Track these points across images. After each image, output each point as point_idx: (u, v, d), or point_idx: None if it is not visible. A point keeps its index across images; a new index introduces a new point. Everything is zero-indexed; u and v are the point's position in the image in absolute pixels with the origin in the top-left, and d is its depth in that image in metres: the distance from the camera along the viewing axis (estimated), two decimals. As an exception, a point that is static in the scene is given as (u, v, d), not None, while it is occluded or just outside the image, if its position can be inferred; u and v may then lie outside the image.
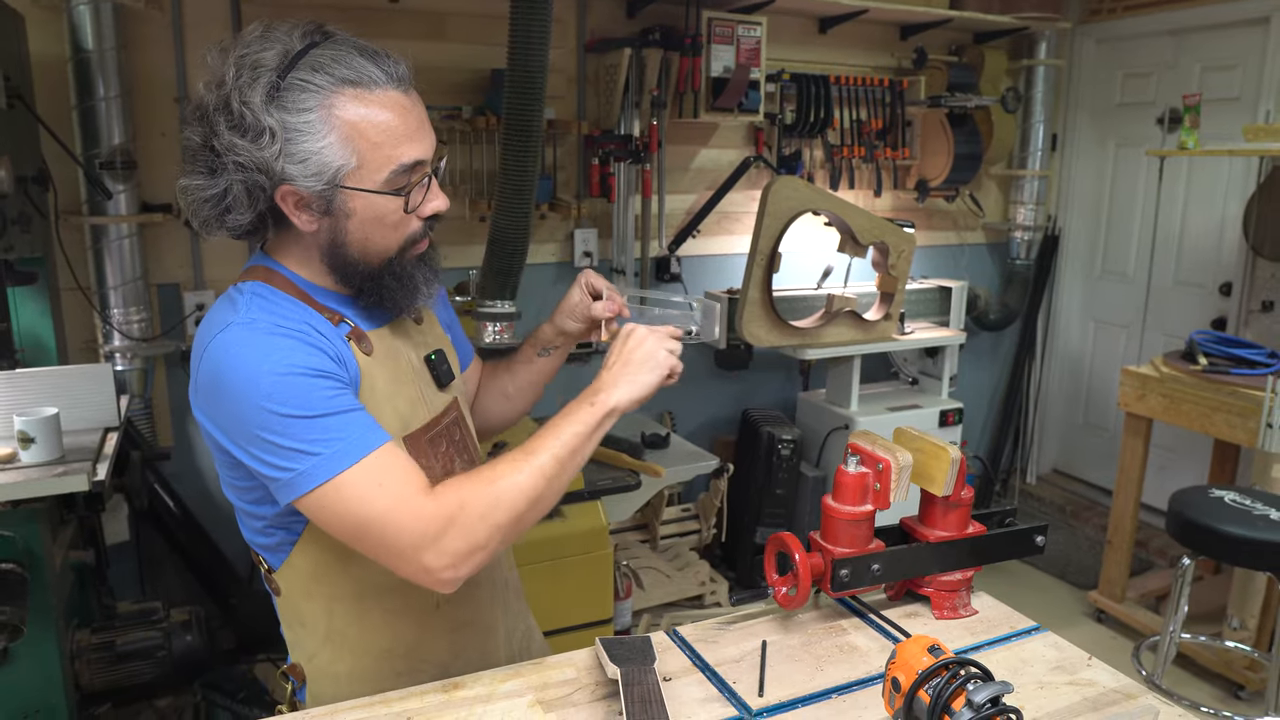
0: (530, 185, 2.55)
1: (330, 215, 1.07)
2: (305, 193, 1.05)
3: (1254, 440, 2.80)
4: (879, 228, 3.28)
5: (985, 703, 0.92)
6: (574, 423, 1.09)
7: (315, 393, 1.01)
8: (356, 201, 1.06)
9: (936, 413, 3.51)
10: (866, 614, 1.32)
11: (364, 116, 1.03)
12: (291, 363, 1.01)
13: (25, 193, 2.08)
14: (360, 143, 1.04)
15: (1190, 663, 3.07)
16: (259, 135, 1.01)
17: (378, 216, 1.08)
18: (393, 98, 1.05)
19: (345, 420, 1.02)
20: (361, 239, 1.09)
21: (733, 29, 3.17)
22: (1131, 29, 3.96)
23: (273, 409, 0.99)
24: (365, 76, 1.03)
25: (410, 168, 1.07)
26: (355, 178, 1.05)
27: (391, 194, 1.07)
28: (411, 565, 1.01)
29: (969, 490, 1.33)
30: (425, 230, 1.14)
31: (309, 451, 0.99)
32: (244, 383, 1.00)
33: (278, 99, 1.01)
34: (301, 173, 1.03)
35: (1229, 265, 3.67)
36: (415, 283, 1.14)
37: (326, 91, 1.02)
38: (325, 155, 1.03)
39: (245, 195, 1.04)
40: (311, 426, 1.00)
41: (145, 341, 2.67)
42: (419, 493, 1.01)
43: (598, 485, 2.59)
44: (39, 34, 2.47)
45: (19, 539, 1.90)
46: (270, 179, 1.03)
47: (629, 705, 1.03)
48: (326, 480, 1.00)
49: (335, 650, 1.21)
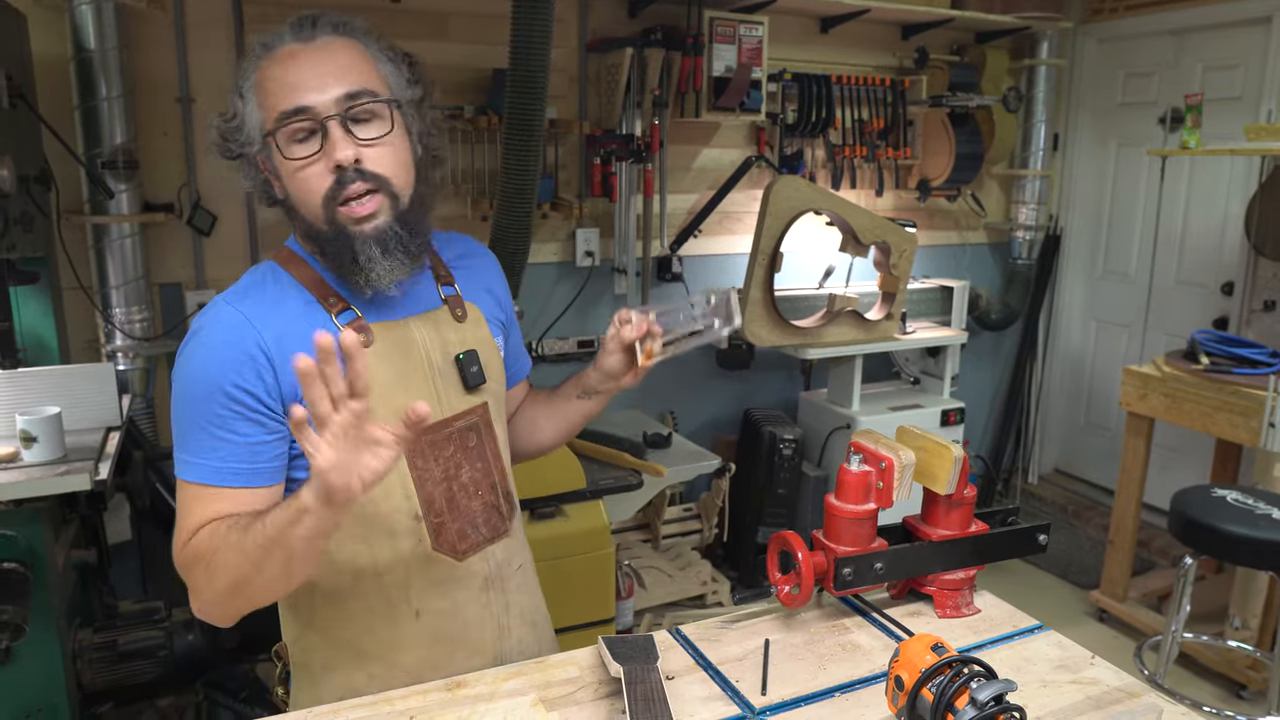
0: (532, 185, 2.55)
1: (278, 177, 1.13)
2: (260, 157, 1.13)
3: (1256, 440, 2.79)
4: (880, 227, 3.28)
5: (989, 701, 0.91)
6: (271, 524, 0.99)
7: (214, 406, 1.08)
8: (275, 157, 1.11)
9: (938, 412, 3.51)
10: (869, 613, 1.32)
11: (266, 73, 1.10)
12: (217, 373, 1.08)
13: (27, 192, 2.09)
14: (262, 96, 1.10)
15: (1192, 662, 3.07)
16: (234, 114, 1.13)
17: (285, 170, 1.11)
18: (288, 50, 1.10)
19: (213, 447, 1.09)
20: (295, 197, 1.12)
21: (734, 29, 3.17)
22: (1133, 29, 3.96)
23: (185, 399, 1.11)
24: (275, 40, 1.11)
25: (290, 114, 1.07)
26: (264, 133, 1.11)
27: (270, 136, 1.10)
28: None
29: (972, 489, 1.32)
30: (340, 183, 1.07)
31: (181, 448, 1.11)
32: (186, 361, 1.12)
33: (241, 88, 1.12)
34: (246, 137, 1.12)
35: (1231, 265, 3.67)
36: (351, 247, 1.09)
37: (255, 62, 1.11)
38: (250, 116, 1.12)
39: (254, 172, 1.15)
40: (193, 432, 1.10)
41: (147, 341, 2.67)
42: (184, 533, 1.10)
43: (600, 485, 2.58)
44: (41, 33, 2.47)
45: (21, 538, 1.90)
46: (247, 149, 1.13)
47: (632, 704, 1.02)
48: (178, 476, 1.12)
49: (314, 639, 1.21)
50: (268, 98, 1.09)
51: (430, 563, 1.18)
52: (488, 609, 1.24)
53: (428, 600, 1.19)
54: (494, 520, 1.24)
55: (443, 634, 1.21)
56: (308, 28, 1.10)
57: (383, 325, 1.15)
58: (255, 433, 1.09)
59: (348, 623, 1.18)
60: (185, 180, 2.75)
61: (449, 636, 1.21)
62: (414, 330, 1.18)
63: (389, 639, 1.19)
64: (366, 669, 1.19)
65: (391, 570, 1.17)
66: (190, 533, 1.09)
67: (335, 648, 1.20)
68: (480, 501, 1.22)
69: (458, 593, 1.21)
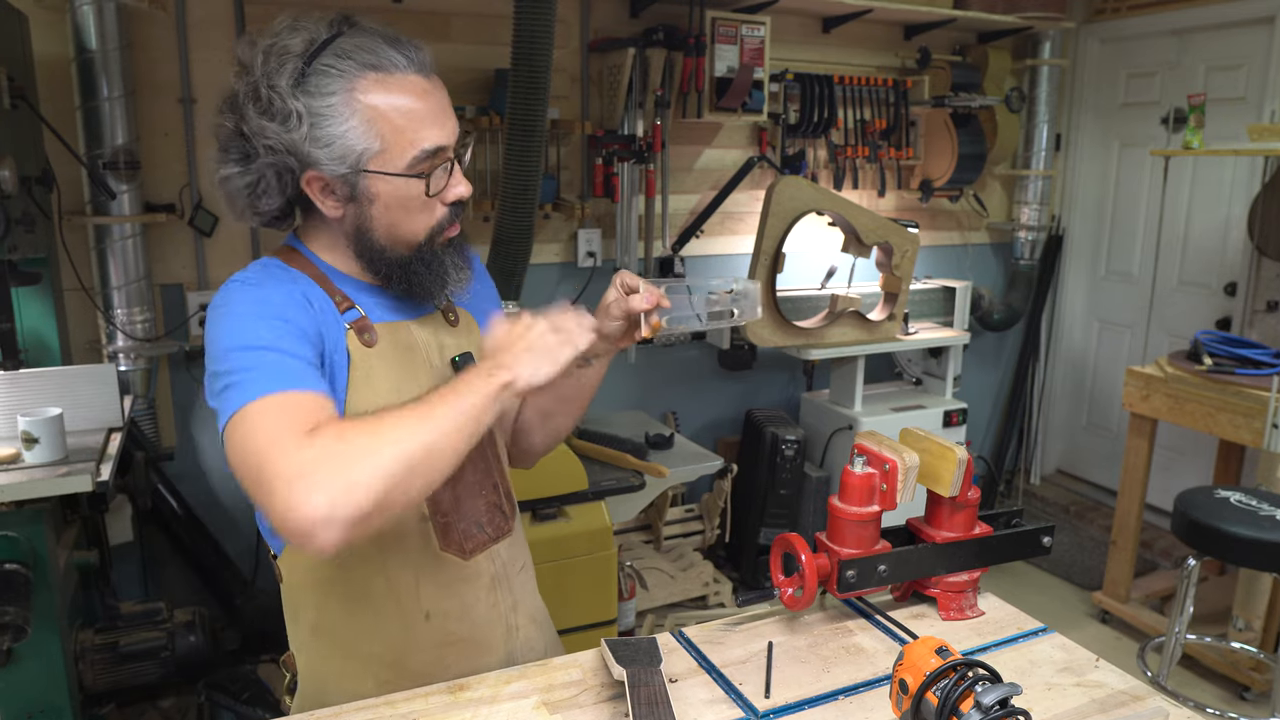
0: (534, 185, 2.55)
1: (355, 201, 1.08)
2: (330, 178, 1.06)
3: (1259, 440, 2.79)
4: (883, 228, 3.27)
5: (994, 705, 0.91)
6: (470, 391, 0.99)
7: (261, 328, 1.01)
8: (380, 186, 1.07)
9: (940, 413, 3.50)
10: (873, 615, 1.32)
11: (387, 101, 1.04)
12: (260, 307, 1.03)
13: (29, 193, 2.09)
14: (383, 126, 1.04)
15: (1195, 664, 3.07)
16: (286, 119, 1.03)
17: (401, 202, 1.08)
18: (415, 82, 1.06)
19: (271, 358, 0.99)
20: (387, 225, 1.10)
21: (736, 29, 3.16)
22: (1136, 28, 3.95)
23: (223, 342, 1.01)
24: (387, 61, 1.04)
25: (433, 153, 1.07)
26: (378, 162, 1.05)
27: (414, 177, 1.07)
28: (281, 507, 0.90)
29: (976, 491, 1.32)
30: (451, 216, 1.13)
31: (232, 382, 0.98)
32: (219, 317, 1.04)
33: (303, 84, 1.02)
34: (326, 157, 1.04)
35: (1234, 265, 3.66)
36: (444, 269, 1.14)
37: (350, 76, 1.03)
38: (349, 139, 1.04)
39: (275, 180, 1.06)
40: (243, 357, 0.99)
41: (149, 342, 2.67)
42: (296, 432, 0.93)
43: (602, 486, 2.58)
44: (43, 34, 2.47)
45: (23, 539, 1.90)
46: (298, 162, 1.05)
47: (635, 707, 1.02)
48: (235, 411, 0.96)
49: (322, 646, 1.20)
50: (400, 132, 1.05)
51: (438, 563, 1.18)
52: (496, 609, 1.24)
53: (437, 601, 1.19)
54: (497, 520, 1.24)
55: (452, 635, 1.21)
56: (427, 67, 1.08)
57: (386, 326, 1.15)
58: (312, 355, 1.04)
59: (357, 628, 1.18)
60: (187, 181, 2.75)
61: (459, 638, 1.21)
62: (415, 333, 1.19)
63: (399, 643, 1.19)
64: (377, 675, 1.19)
65: (400, 572, 1.16)
66: (306, 430, 0.93)
67: (344, 655, 1.19)
68: (484, 501, 1.23)
69: (466, 593, 1.21)
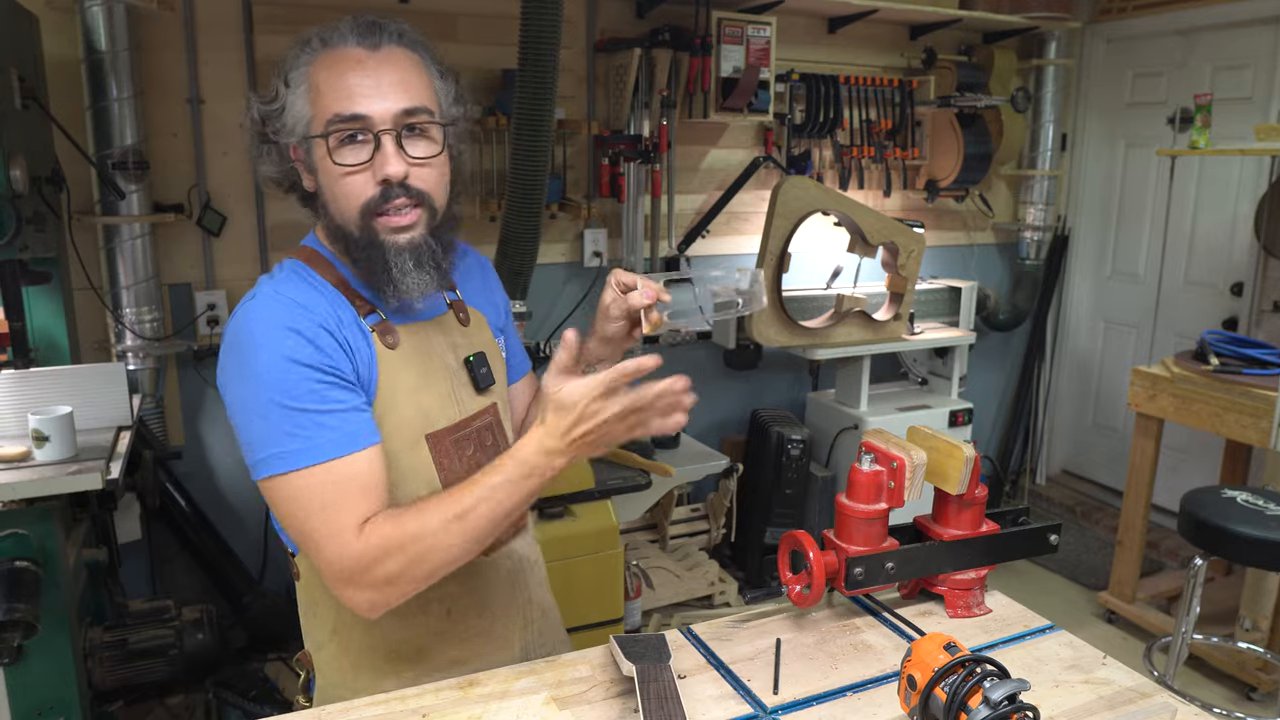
0: (540, 185, 2.55)
1: (313, 172, 1.12)
2: (297, 148, 1.11)
3: (1266, 440, 2.78)
4: (888, 228, 3.28)
5: (1002, 700, 0.91)
6: (531, 474, 1.02)
7: (303, 383, 1.03)
8: (317, 153, 1.10)
9: (946, 413, 3.50)
10: (880, 612, 1.32)
11: (323, 71, 1.08)
12: (293, 351, 1.04)
13: (39, 193, 2.10)
14: (314, 94, 1.08)
15: (1202, 664, 3.06)
16: (273, 101, 1.11)
17: (326, 169, 1.09)
18: (351, 54, 1.08)
19: (321, 420, 1.03)
20: (330, 197, 1.11)
21: (742, 29, 3.17)
22: (1141, 28, 3.95)
23: (260, 391, 1.03)
24: (336, 36, 1.09)
25: (346, 119, 1.06)
26: (311, 129, 1.09)
27: (319, 138, 1.08)
28: (333, 588, 1.05)
29: (983, 489, 1.32)
30: (384, 198, 1.08)
31: (276, 440, 1.02)
32: (248, 356, 1.04)
33: (288, 75, 1.10)
34: (285, 127, 1.10)
35: (1240, 265, 3.66)
36: (386, 259, 1.09)
37: (310, 55, 1.09)
38: (296, 108, 1.09)
39: (277, 157, 1.13)
40: (288, 417, 1.02)
41: (157, 341, 2.68)
42: (350, 529, 1.02)
43: (608, 485, 2.59)
44: (52, 35, 2.48)
45: (33, 537, 1.90)
46: (283, 137, 1.11)
47: (645, 702, 1.03)
48: (280, 473, 1.03)
49: (342, 644, 1.21)
50: (322, 97, 1.07)
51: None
52: (514, 603, 1.27)
53: (457, 598, 1.20)
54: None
55: (473, 630, 1.23)
56: (374, 34, 1.08)
57: (406, 328, 1.16)
58: (351, 399, 1.07)
59: (378, 626, 1.18)
60: (195, 181, 2.76)
61: (478, 632, 1.23)
62: (431, 334, 1.19)
63: (421, 639, 1.20)
64: (399, 672, 1.20)
65: None
66: (359, 522, 1.03)
67: (363, 652, 1.20)
68: None
69: (485, 589, 1.23)
